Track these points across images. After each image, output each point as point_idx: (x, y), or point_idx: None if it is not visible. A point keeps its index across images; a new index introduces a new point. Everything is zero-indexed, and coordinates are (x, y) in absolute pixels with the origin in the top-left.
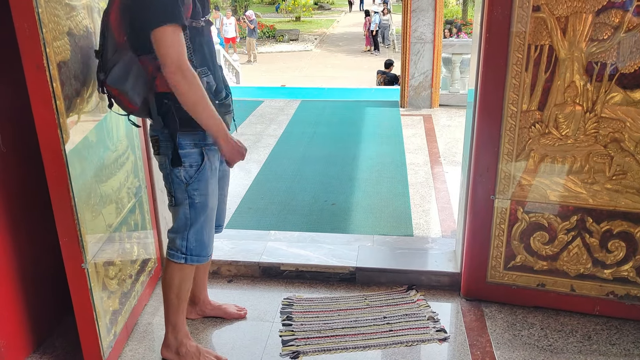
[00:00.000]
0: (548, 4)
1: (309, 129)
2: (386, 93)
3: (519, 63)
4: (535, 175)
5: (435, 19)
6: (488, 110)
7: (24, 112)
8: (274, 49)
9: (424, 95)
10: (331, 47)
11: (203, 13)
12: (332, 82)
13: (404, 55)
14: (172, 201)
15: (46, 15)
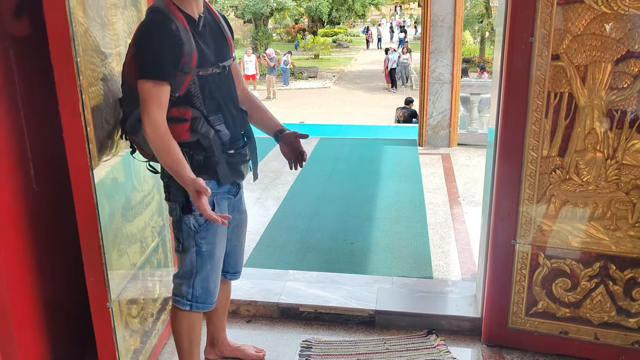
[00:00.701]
0: (567, 53)
1: (327, 166)
2: (404, 131)
3: (539, 110)
4: (556, 221)
5: (453, 59)
6: (508, 155)
7: (57, 152)
8: (293, 85)
9: (442, 135)
10: (349, 85)
11: (217, 60)
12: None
13: (422, 95)
14: (179, 247)
15: (84, 63)
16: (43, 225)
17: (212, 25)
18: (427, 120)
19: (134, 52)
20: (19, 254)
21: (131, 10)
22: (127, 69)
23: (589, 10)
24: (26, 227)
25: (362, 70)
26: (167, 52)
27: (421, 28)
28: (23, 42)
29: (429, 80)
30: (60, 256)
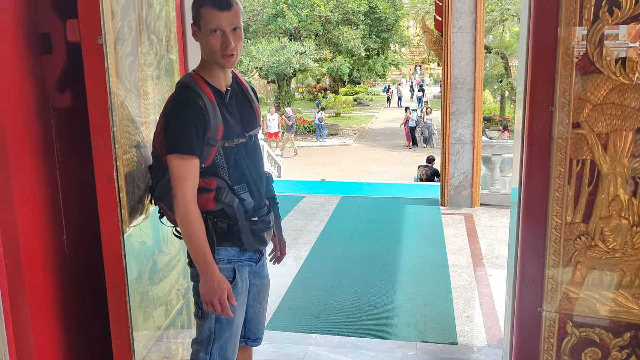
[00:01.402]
0: (588, 121)
1: (349, 225)
2: (426, 190)
3: (562, 176)
4: (583, 288)
5: (474, 121)
6: (532, 221)
7: (89, 215)
8: (314, 143)
9: (465, 195)
10: (370, 142)
11: (243, 130)
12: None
13: (443, 155)
14: (199, 313)
15: (119, 132)
16: (72, 288)
17: (240, 96)
18: (449, 180)
19: (163, 125)
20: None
21: (165, 81)
22: (156, 139)
23: (607, 80)
24: (55, 291)
25: (382, 128)
26: (193, 127)
27: (441, 89)
28: (63, 112)
29: (450, 140)
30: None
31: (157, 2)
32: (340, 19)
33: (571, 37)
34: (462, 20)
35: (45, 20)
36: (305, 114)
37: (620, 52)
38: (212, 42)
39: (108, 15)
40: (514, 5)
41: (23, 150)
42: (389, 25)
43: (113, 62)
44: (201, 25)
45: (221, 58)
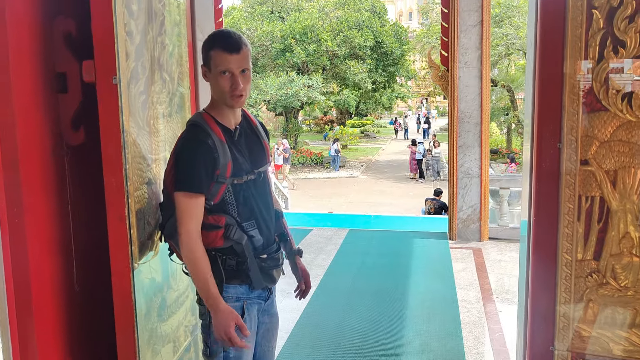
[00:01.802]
0: (596, 158)
1: (357, 260)
2: (434, 223)
3: (571, 213)
4: (595, 327)
5: (481, 154)
6: (542, 258)
7: (99, 252)
8: (322, 175)
9: (473, 228)
10: (377, 174)
11: (252, 167)
12: (379, 209)
13: (451, 189)
14: (207, 351)
15: (131, 169)
16: (81, 325)
17: (249, 133)
18: (457, 213)
19: (173, 163)
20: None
21: (176, 118)
22: (167, 177)
23: (614, 118)
24: (65, 328)
25: (389, 160)
26: (202, 166)
27: (448, 123)
28: (76, 149)
29: (457, 174)
30: (97, 357)
31: (170, 41)
32: (347, 54)
33: (577, 75)
34: (467, 55)
35: (62, 60)
36: (313, 146)
37: (626, 90)
38: (221, 83)
39: (123, 56)
40: (519, 39)
41: (36, 187)
42: (395, 60)
43: (126, 101)
44: (211, 66)
45: (230, 99)
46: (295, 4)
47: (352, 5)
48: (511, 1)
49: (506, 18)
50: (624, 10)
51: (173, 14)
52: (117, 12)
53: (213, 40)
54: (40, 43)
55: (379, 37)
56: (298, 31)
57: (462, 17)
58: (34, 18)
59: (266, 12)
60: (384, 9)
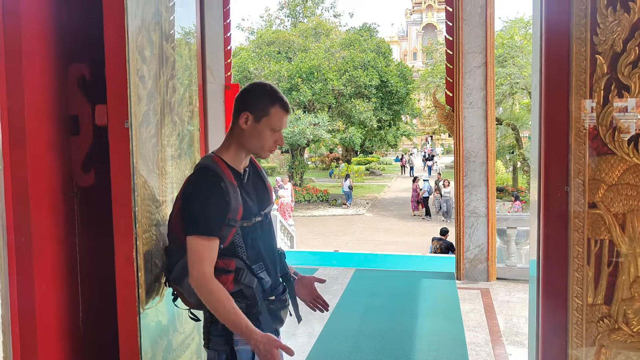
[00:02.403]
0: (604, 201)
1: (363, 300)
2: (441, 263)
3: (580, 257)
4: None
5: (487, 193)
6: (552, 303)
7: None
8: (328, 212)
9: (481, 268)
10: (382, 212)
11: (260, 209)
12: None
13: (458, 228)
14: None
15: (140, 212)
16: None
17: (255, 176)
18: (465, 253)
19: (182, 206)
20: None
21: (185, 159)
22: (174, 221)
23: (621, 161)
24: None
25: (395, 197)
26: (216, 209)
27: (454, 162)
28: (86, 190)
29: (464, 213)
30: None
31: (181, 84)
32: (353, 92)
33: (582, 119)
34: (472, 95)
35: (75, 102)
36: (318, 183)
37: (632, 133)
38: (266, 138)
39: (135, 100)
40: (523, 79)
41: (45, 227)
42: (400, 98)
43: (137, 144)
44: (262, 120)
45: (266, 152)
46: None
47: (357, 46)
48: (514, 42)
49: (509, 58)
50: (627, 56)
51: (184, 57)
52: (131, 59)
53: (274, 97)
54: (54, 86)
55: (384, 77)
56: (304, 71)
57: (466, 58)
58: (49, 62)
59: (273, 52)
60: (388, 49)
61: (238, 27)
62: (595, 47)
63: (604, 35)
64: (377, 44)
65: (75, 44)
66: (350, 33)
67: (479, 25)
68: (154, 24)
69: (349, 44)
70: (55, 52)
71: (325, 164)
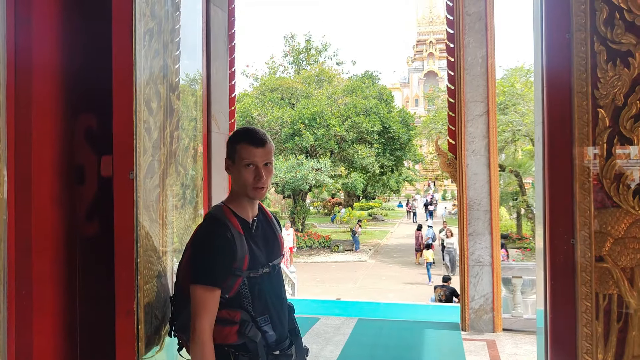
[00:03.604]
0: (611, 255)
1: (367, 352)
2: (445, 312)
3: (589, 312)
4: None
5: (492, 242)
6: (561, 358)
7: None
8: (329, 258)
9: (486, 319)
10: (385, 258)
11: (268, 260)
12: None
13: (462, 278)
14: None
15: (142, 263)
16: None
17: (265, 226)
18: (470, 303)
19: (189, 255)
20: None
21: (188, 209)
22: (182, 270)
23: (627, 214)
24: None
25: (398, 244)
26: (220, 259)
27: (457, 210)
28: (89, 240)
29: (468, 262)
30: None
31: (186, 135)
32: (355, 138)
33: (587, 173)
34: (475, 143)
35: (81, 153)
36: (320, 229)
37: (637, 187)
38: (245, 176)
39: (140, 151)
40: (525, 126)
41: (47, 277)
42: (402, 144)
43: (141, 195)
44: (235, 159)
45: (252, 190)
46: (305, 91)
47: (359, 92)
48: (515, 89)
49: (511, 105)
50: (629, 110)
51: (190, 108)
52: (138, 110)
53: (240, 135)
54: (62, 136)
55: (386, 123)
56: (307, 117)
57: (468, 107)
58: (58, 111)
59: (276, 98)
60: (390, 96)
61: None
62: (597, 100)
63: (605, 89)
64: (379, 91)
65: (84, 93)
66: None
67: (481, 75)
68: (161, 77)
69: (351, 91)
70: (65, 102)
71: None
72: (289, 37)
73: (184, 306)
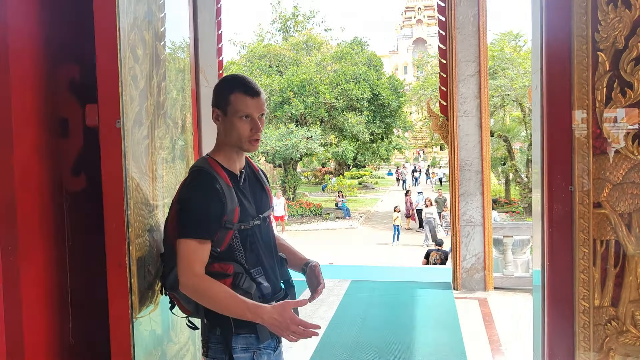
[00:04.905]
0: (609, 201)
1: (360, 311)
2: (436, 273)
3: (586, 258)
4: None
5: (483, 202)
6: (558, 305)
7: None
8: (321, 226)
9: (477, 278)
10: (376, 225)
11: (258, 212)
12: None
13: (454, 238)
14: None
15: (133, 216)
16: None
17: (252, 179)
18: (461, 263)
19: (177, 210)
20: None
21: (179, 164)
22: (169, 226)
23: (625, 159)
24: None
25: (388, 210)
26: (210, 211)
27: (449, 172)
28: (76, 195)
29: (459, 222)
30: None
31: (174, 87)
32: (345, 106)
33: (586, 119)
34: (467, 104)
35: (64, 105)
36: (311, 198)
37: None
38: (241, 128)
39: (127, 100)
40: (514, 91)
41: (34, 234)
42: (392, 111)
43: (129, 146)
44: (228, 110)
45: (248, 143)
46: (293, 58)
47: (349, 59)
48: (504, 54)
49: (500, 70)
50: (629, 53)
51: (178, 61)
52: (123, 56)
53: (233, 84)
54: (43, 88)
55: (375, 90)
56: (296, 84)
57: (460, 67)
58: (37, 63)
59: (264, 66)
60: (380, 63)
61: (230, 41)
62: (597, 44)
63: (606, 32)
64: (368, 57)
65: (65, 44)
66: (342, 47)
67: (472, 34)
68: (147, 22)
69: (340, 58)
70: (44, 53)
71: (318, 178)
72: (275, 3)
73: (173, 263)
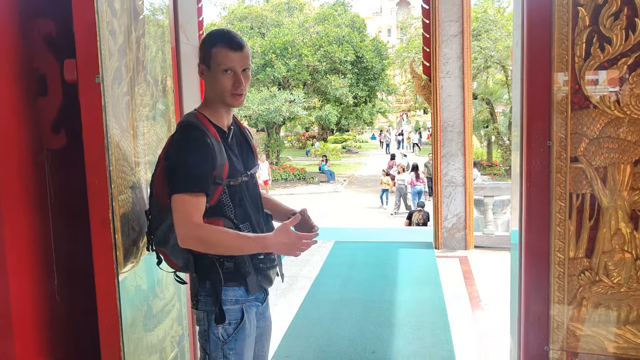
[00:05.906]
0: (585, 155)
1: (343, 270)
2: (419, 234)
3: (562, 211)
4: (590, 325)
5: (465, 163)
6: (534, 257)
7: (81, 260)
8: (305, 190)
9: (458, 237)
10: (360, 189)
11: (245, 169)
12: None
13: (435, 198)
14: (206, 358)
15: (115, 172)
16: (62, 337)
17: (239, 136)
18: (442, 222)
19: (166, 166)
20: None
21: (160, 122)
22: (156, 182)
23: (602, 114)
24: (45, 341)
25: (372, 174)
26: (203, 165)
27: (432, 132)
28: (57, 153)
29: (441, 183)
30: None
31: (154, 43)
32: (328, 68)
33: (564, 74)
34: (449, 65)
35: (42, 62)
36: (295, 162)
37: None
38: (223, 82)
39: (106, 55)
40: (497, 52)
41: (15, 193)
42: (375, 74)
43: (109, 101)
44: (211, 64)
45: (230, 97)
46: (275, 20)
47: (331, 20)
48: (488, 15)
49: (483, 32)
50: (608, 8)
51: (157, 16)
52: (100, 10)
53: (215, 37)
54: (19, 45)
55: (359, 52)
56: (278, 46)
57: (443, 27)
58: (11, 19)
59: (245, 27)
60: (363, 24)
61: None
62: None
63: None
64: (351, 19)
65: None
66: (324, 8)
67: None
68: None
69: (323, 19)
70: (18, 9)
71: (301, 142)
72: None
73: (161, 218)
